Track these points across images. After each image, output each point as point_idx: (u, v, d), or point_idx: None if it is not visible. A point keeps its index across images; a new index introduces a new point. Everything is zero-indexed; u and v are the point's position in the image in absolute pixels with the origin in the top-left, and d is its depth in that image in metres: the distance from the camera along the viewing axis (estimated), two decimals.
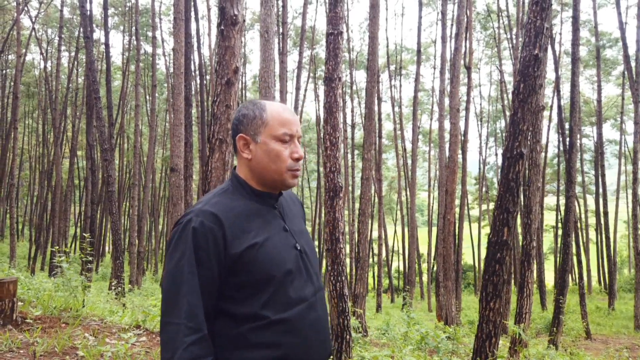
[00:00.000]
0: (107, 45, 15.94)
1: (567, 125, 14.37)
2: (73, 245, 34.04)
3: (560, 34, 25.52)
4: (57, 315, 3.98)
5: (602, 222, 25.39)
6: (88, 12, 13.67)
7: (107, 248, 37.46)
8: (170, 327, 1.20)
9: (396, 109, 30.10)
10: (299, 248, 1.37)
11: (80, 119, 29.62)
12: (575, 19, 11.69)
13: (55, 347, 3.20)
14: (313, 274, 1.38)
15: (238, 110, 1.42)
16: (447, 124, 15.69)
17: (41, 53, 29.97)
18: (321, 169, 28.85)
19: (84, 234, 9.14)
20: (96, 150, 17.04)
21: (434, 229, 28.13)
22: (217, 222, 1.25)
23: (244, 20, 3.91)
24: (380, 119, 24.59)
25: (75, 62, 28.57)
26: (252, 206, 1.34)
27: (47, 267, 24.54)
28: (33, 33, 28.00)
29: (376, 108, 21.84)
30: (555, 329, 10.79)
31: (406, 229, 30.07)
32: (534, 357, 6.85)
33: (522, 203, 10.35)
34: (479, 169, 33.08)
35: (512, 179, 3.84)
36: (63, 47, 28.17)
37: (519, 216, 18.56)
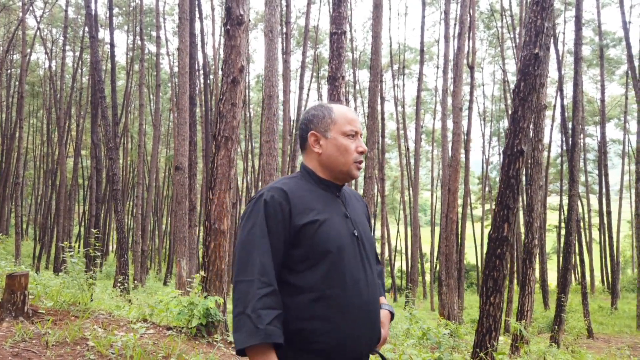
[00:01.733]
0: (112, 45, 16.06)
1: (569, 125, 14.40)
2: (77, 244, 34.21)
3: (564, 33, 25.52)
4: (67, 309, 4.07)
5: (605, 221, 25.37)
6: (93, 12, 13.78)
7: (110, 247, 37.62)
8: (243, 284, 1.35)
9: (399, 108, 30.14)
10: (356, 235, 1.50)
11: (84, 119, 29.77)
12: (577, 18, 11.72)
13: (66, 337, 3.29)
14: (367, 260, 1.50)
15: (307, 112, 1.60)
16: (449, 124, 15.75)
17: (46, 52, 30.13)
18: None
19: (92, 230, 9.25)
20: (101, 150, 17.17)
21: (437, 229, 28.17)
22: (285, 197, 1.42)
23: (249, 20, 3.99)
24: (383, 119, 24.65)
25: (80, 62, 28.73)
26: (318, 191, 1.51)
27: (52, 266, 24.69)
28: (38, 33, 28.16)
29: (379, 107, 21.92)
30: (557, 327, 10.84)
31: (409, 229, 30.11)
32: (534, 354, 6.90)
33: (524, 202, 10.40)
34: (482, 168, 33.07)
35: (512, 176, 3.91)
36: (67, 47, 28.31)
37: (521, 215, 18.51)
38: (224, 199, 4.26)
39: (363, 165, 1.58)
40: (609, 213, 24.56)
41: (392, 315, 1.66)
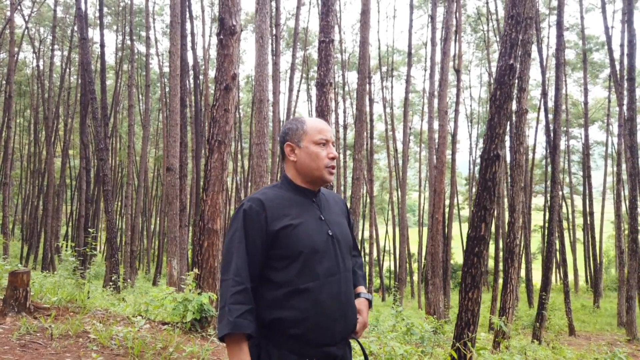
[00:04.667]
0: (102, 45, 16.12)
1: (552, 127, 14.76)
2: (65, 244, 34.01)
3: (548, 37, 25.99)
4: (65, 306, 4.24)
5: (589, 222, 25.91)
6: (84, 13, 13.85)
7: (97, 248, 37.40)
8: (223, 283, 1.59)
9: (388, 110, 30.45)
10: (331, 234, 1.71)
11: (72, 118, 29.65)
12: (559, 24, 12.07)
13: (68, 330, 3.47)
14: (341, 257, 1.71)
15: (284, 126, 1.83)
16: (436, 126, 16.04)
17: (34, 52, 29.97)
18: None
19: (88, 229, 9.36)
20: (90, 150, 17.20)
21: (425, 229, 28.52)
22: (261, 206, 1.64)
23: (242, 30, 4.20)
24: (371, 120, 24.92)
25: (68, 62, 28.61)
26: (294, 198, 1.73)
27: (40, 266, 24.60)
28: (26, 32, 28.00)
29: (367, 109, 22.17)
30: (538, 323, 11.16)
31: (397, 229, 30.43)
32: (515, 349, 7.18)
33: (507, 202, 10.70)
34: (469, 169, 33.49)
35: (489, 179, 4.16)
36: (56, 46, 28.19)
37: (507, 215, 18.82)
38: (217, 200, 4.47)
39: (335, 170, 1.79)
40: (591, 214, 25.08)
41: (370, 303, 1.88)
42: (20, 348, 3.00)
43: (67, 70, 29.34)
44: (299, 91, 28.00)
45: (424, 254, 29.05)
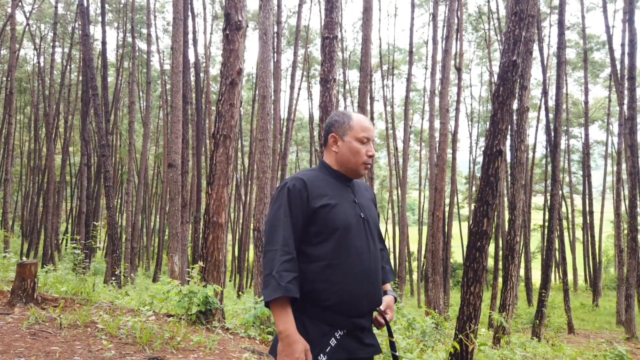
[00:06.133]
0: (103, 43, 16.16)
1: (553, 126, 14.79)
2: (64, 242, 34.06)
3: (549, 36, 26.02)
4: (71, 298, 4.28)
5: (588, 221, 25.97)
6: (86, 10, 13.88)
7: (98, 244, 37.43)
8: (270, 252, 1.70)
9: (388, 108, 30.48)
10: (363, 216, 1.85)
11: (73, 115, 29.65)
12: (560, 23, 12.11)
13: (77, 320, 3.51)
14: (371, 238, 1.85)
15: (330, 117, 1.95)
16: (437, 124, 16.09)
17: (35, 48, 29.95)
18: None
19: (94, 223, 9.41)
20: (91, 146, 17.23)
21: (425, 228, 28.56)
22: (304, 185, 1.78)
23: (247, 25, 4.24)
24: (372, 118, 24.94)
25: (69, 59, 28.60)
26: (331, 181, 1.87)
27: (40, 262, 24.63)
28: (27, 28, 28.00)
29: (368, 108, 22.20)
30: (538, 321, 11.22)
31: (397, 227, 30.48)
32: (515, 346, 7.23)
33: (507, 201, 10.75)
34: (469, 168, 33.53)
35: (491, 174, 4.21)
36: (57, 43, 28.18)
37: (507, 214, 18.87)
38: (222, 194, 4.51)
39: (369, 166, 1.93)
40: (591, 213, 25.14)
41: (395, 299, 2.02)
42: (30, 336, 3.04)
43: (68, 67, 29.33)
44: (299, 89, 28.02)
45: (423, 252, 29.11)
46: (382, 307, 1.91)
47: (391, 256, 35.70)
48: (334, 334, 1.73)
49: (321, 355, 1.69)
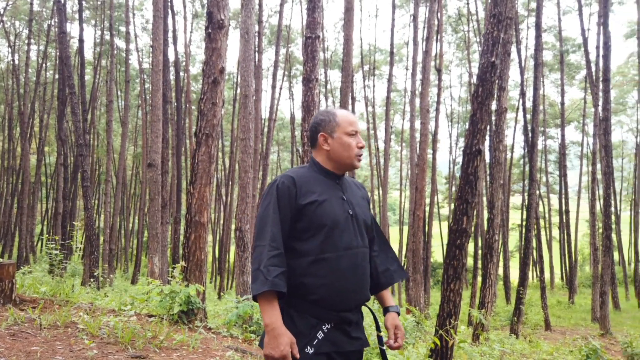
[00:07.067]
0: (81, 40, 15.89)
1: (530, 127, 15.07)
2: (39, 244, 33.36)
3: (527, 38, 26.48)
4: (50, 299, 4.22)
5: (564, 220, 26.52)
6: (63, 7, 13.63)
7: (73, 246, 36.68)
8: (259, 248, 1.75)
9: (369, 108, 30.63)
10: (351, 213, 1.88)
11: (49, 114, 29.06)
12: (537, 25, 12.35)
13: (57, 321, 3.46)
14: (359, 234, 1.88)
15: (315, 117, 2.00)
16: (418, 124, 16.24)
17: (9, 46, 29.26)
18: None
19: (73, 222, 9.23)
20: (68, 146, 16.93)
21: (406, 228, 28.80)
22: (292, 183, 1.83)
23: (229, 24, 4.24)
24: None
25: (45, 56, 28.03)
26: (321, 179, 1.91)
27: (15, 264, 24.03)
28: (1, 25, 27.36)
29: (350, 108, 22.28)
30: (516, 318, 11.42)
31: None
32: (493, 341, 7.36)
33: (486, 201, 10.92)
34: (449, 168, 33.92)
35: (470, 173, 4.28)
36: (32, 41, 27.58)
37: (485, 213, 19.15)
38: (204, 193, 4.49)
39: (362, 158, 1.99)
40: (567, 212, 25.67)
41: (398, 314, 2.03)
42: (10, 337, 2.99)
43: (44, 65, 28.73)
44: (281, 88, 27.98)
45: (404, 252, 29.34)
46: (389, 328, 1.92)
47: None
48: (321, 327, 1.76)
49: (308, 347, 1.73)
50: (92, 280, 9.95)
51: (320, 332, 1.76)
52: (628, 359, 8.19)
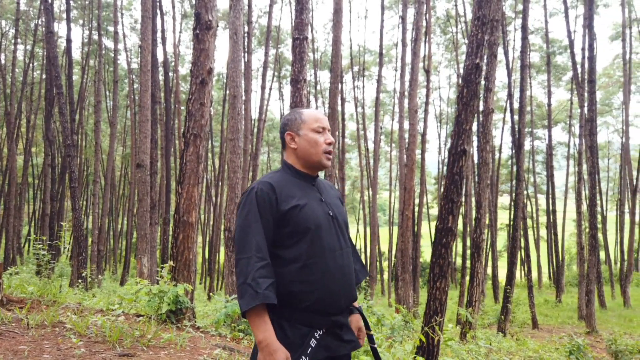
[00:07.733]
0: (68, 40, 15.77)
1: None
2: (26, 245, 33.00)
3: (514, 40, 26.71)
4: (37, 299, 4.21)
5: (552, 220, 26.81)
6: (50, 6, 13.53)
7: (63, 246, 36.35)
8: (243, 260, 1.68)
9: (359, 109, 30.73)
10: (331, 214, 1.86)
11: (36, 115, 28.77)
12: (524, 27, 12.50)
13: (44, 321, 3.47)
14: (341, 235, 1.87)
15: (283, 118, 1.97)
16: (406, 125, 16.35)
17: None
18: None
19: (60, 223, 9.17)
20: (55, 147, 16.79)
21: (395, 228, 28.92)
22: (271, 189, 1.77)
23: (217, 25, 4.26)
24: (343, 119, 25.13)
25: (32, 56, 27.75)
26: (297, 182, 1.87)
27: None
28: None
29: (339, 108, 22.35)
30: (503, 316, 11.55)
31: (368, 228, 30.75)
32: (480, 339, 7.45)
33: (474, 201, 11.03)
34: (438, 169, 34.12)
35: (456, 173, 4.35)
36: (19, 40, 27.31)
37: (474, 213, 19.27)
38: (193, 192, 4.51)
39: (332, 156, 1.95)
40: (554, 212, 25.94)
41: (360, 313, 2.00)
42: None
43: (31, 65, 28.44)
44: (270, 89, 27.98)
45: (394, 252, 29.45)
46: (353, 330, 1.90)
47: (362, 256, 35.96)
48: (313, 334, 1.72)
49: (302, 357, 1.68)
50: (80, 281, 9.89)
51: (313, 339, 1.72)
52: (612, 356, 8.33)
